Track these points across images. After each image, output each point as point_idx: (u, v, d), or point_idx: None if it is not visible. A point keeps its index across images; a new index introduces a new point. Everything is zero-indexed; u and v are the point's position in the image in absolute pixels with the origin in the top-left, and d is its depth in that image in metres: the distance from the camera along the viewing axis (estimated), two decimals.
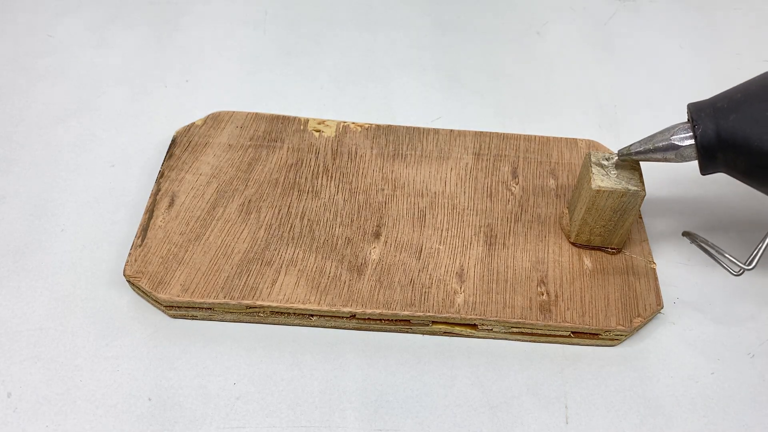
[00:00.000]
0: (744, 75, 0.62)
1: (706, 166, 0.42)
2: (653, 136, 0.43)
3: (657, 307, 0.44)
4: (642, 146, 0.43)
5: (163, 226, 0.46)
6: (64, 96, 0.57)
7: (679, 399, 0.42)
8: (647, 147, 0.42)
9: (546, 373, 0.43)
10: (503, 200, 0.49)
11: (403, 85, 0.60)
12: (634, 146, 0.43)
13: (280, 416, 0.40)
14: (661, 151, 0.42)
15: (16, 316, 0.43)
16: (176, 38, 0.62)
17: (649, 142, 0.42)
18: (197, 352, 0.42)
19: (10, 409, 0.40)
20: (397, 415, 0.40)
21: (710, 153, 0.41)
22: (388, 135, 0.52)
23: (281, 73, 0.60)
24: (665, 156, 0.42)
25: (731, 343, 0.44)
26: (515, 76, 0.61)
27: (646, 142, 0.43)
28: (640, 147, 0.43)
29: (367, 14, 0.66)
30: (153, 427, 0.39)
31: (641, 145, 0.43)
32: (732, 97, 0.41)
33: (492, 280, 0.44)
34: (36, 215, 0.49)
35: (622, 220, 0.44)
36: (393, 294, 0.43)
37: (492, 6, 0.68)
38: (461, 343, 0.44)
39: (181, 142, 0.51)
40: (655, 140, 0.42)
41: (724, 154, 0.41)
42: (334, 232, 0.46)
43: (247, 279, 0.43)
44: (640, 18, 0.67)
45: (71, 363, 0.42)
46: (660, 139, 0.42)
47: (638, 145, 0.43)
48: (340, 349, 0.43)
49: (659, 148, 0.42)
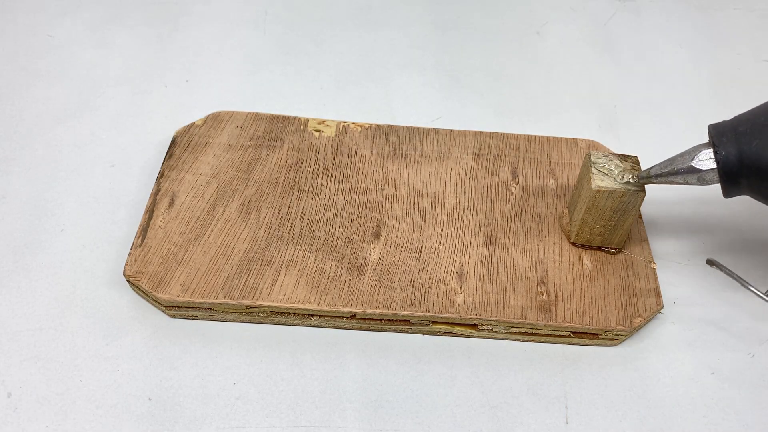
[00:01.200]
0: (744, 75, 0.62)
1: (729, 191, 0.41)
2: (673, 159, 0.42)
3: (657, 307, 0.44)
4: (662, 169, 0.42)
5: (163, 226, 0.46)
6: (64, 96, 0.57)
7: (679, 399, 0.42)
8: (667, 170, 0.41)
9: (546, 373, 0.43)
10: (503, 200, 0.49)
11: (403, 85, 0.60)
12: (654, 169, 0.42)
13: (280, 416, 0.40)
14: (682, 175, 0.41)
15: (16, 316, 0.43)
16: (176, 38, 0.62)
17: (670, 165, 0.41)
18: (197, 352, 0.42)
19: (10, 409, 0.40)
20: (397, 415, 0.40)
21: (733, 179, 0.40)
22: (388, 135, 0.52)
23: (281, 73, 0.60)
24: (687, 179, 0.41)
25: (731, 343, 0.44)
26: (515, 76, 0.61)
27: (666, 166, 0.42)
28: (660, 170, 0.42)
29: (367, 14, 0.66)
30: (153, 427, 0.39)
31: (661, 168, 0.42)
32: (754, 120, 0.39)
33: (492, 280, 0.44)
34: (36, 215, 0.49)
35: (622, 220, 0.44)
36: (393, 294, 0.43)
37: (492, 6, 0.68)
38: (461, 343, 0.44)
39: (181, 142, 0.51)
40: (675, 163, 0.41)
41: (748, 179, 0.40)
42: (334, 232, 0.46)
43: (247, 279, 0.43)
44: (640, 18, 0.67)
45: (71, 363, 0.42)
46: (681, 162, 0.41)
47: (658, 168, 0.42)
48: (340, 349, 0.43)
49: (680, 172, 0.41)
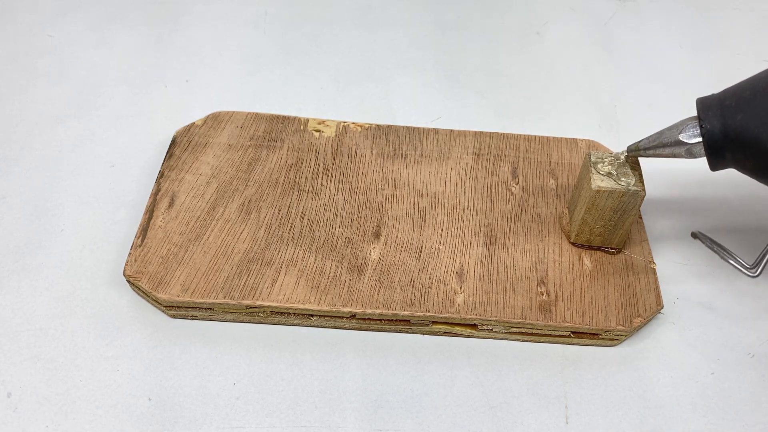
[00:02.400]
0: (744, 75, 0.62)
1: (715, 164, 0.41)
2: (661, 132, 0.42)
3: (657, 307, 0.44)
4: (651, 142, 0.42)
5: (163, 226, 0.46)
6: (64, 96, 0.57)
7: (679, 399, 0.42)
8: (656, 143, 0.42)
9: (546, 373, 0.43)
10: (503, 200, 0.49)
11: (403, 85, 0.60)
12: (643, 142, 0.43)
13: (280, 416, 0.40)
14: (669, 147, 0.42)
15: (16, 316, 0.43)
16: (176, 38, 0.62)
17: (658, 138, 0.42)
18: (197, 352, 0.42)
19: (10, 409, 0.40)
20: (397, 415, 0.40)
21: (718, 152, 0.41)
22: (388, 135, 0.52)
23: (281, 73, 0.60)
24: (674, 152, 0.42)
25: (731, 343, 0.44)
26: (515, 76, 0.61)
27: (655, 139, 0.42)
28: (649, 143, 0.42)
29: (367, 14, 0.66)
30: (153, 427, 0.39)
31: (650, 141, 0.42)
32: (740, 94, 0.40)
33: (492, 280, 0.44)
34: (36, 215, 0.49)
35: (622, 220, 0.44)
36: (393, 294, 0.43)
37: (492, 6, 0.68)
38: (461, 343, 0.44)
39: (181, 142, 0.51)
40: (663, 137, 0.42)
41: (733, 153, 0.40)
42: (334, 232, 0.46)
43: (247, 279, 0.43)
44: (640, 18, 0.67)
45: (71, 363, 0.42)
46: (668, 136, 0.42)
47: (647, 141, 0.43)
48: (340, 349, 0.43)
49: (668, 144, 0.42)
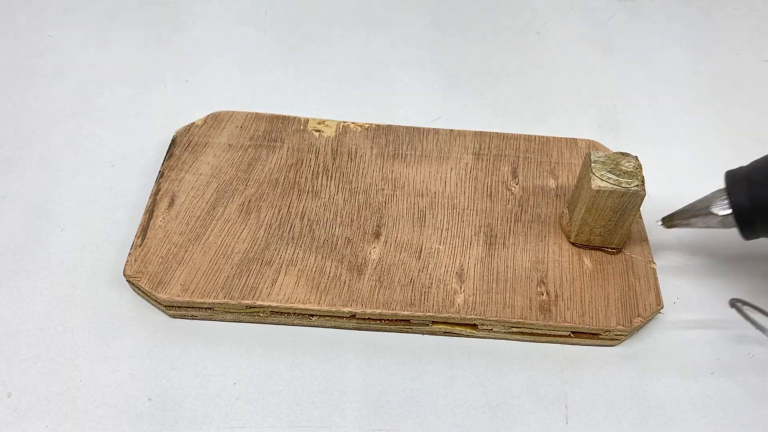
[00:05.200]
0: (744, 75, 0.62)
1: (748, 234, 0.43)
2: (693, 205, 0.44)
3: (657, 307, 0.44)
4: (683, 216, 0.45)
5: (163, 226, 0.46)
6: (64, 96, 0.57)
7: (679, 399, 0.42)
8: (689, 215, 0.44)
9: (546, 373, 0.43)
10: (503, 200, 0.49)
11: (403, 85, 0.60)
12: (677, 215, 0.45)
13: (280, 416, 0.40)
14: (702, 218, 0.44)
15: (16, 316, 0.43)
16: (176, 38, 0.62)
17: (690, 210, 0.44)
18: (197, 352, 0.42)
19: (10, 409, 0.40)
20: (397, 415, 0.40)
21: (749, 224, 0.42)
22: (388, 135, 0.52)
23: (281, 73, 0.60)
24: (707, 223, 0.44)
25: (731, 343, 0.44)
26: (515, 76, 0.61)
27: (687, 211, 0.44)
28: (682, 218, 0.45)
29: (367, 14, 0.66)
30: (153, 427, 0.39)
31: (683, 214, 0.45)
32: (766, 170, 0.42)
33: (492, 280, 0.44)
34: (36, 215, 0.49)
35: (622, 220, 0.44)
36: (393, 294, 0.43)
37: (492, 6, 0.68)
38: (461, 343, 0.44)
39: (181, 142, 0.51)
40: (695, 209, 0.44)
41: (764, 225, 0.42)
42: (334, 232, 0.46)
43: (247, 279, 0.43)
44: (640, 18, 0.67)
45: (71, 363, 0.42)
46: (700, 208, 0.44)
47: (679, 214, 0.45)
48: (340, 349, 0.43)
49: (700, 215, 0.44)
